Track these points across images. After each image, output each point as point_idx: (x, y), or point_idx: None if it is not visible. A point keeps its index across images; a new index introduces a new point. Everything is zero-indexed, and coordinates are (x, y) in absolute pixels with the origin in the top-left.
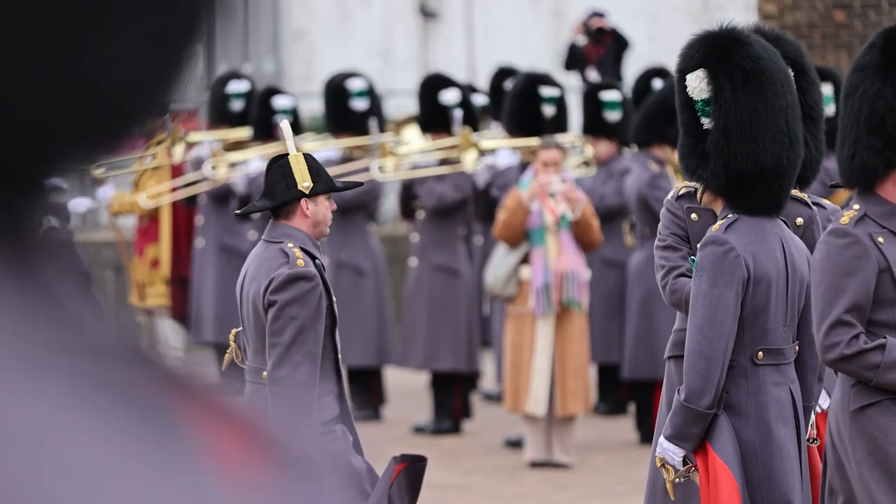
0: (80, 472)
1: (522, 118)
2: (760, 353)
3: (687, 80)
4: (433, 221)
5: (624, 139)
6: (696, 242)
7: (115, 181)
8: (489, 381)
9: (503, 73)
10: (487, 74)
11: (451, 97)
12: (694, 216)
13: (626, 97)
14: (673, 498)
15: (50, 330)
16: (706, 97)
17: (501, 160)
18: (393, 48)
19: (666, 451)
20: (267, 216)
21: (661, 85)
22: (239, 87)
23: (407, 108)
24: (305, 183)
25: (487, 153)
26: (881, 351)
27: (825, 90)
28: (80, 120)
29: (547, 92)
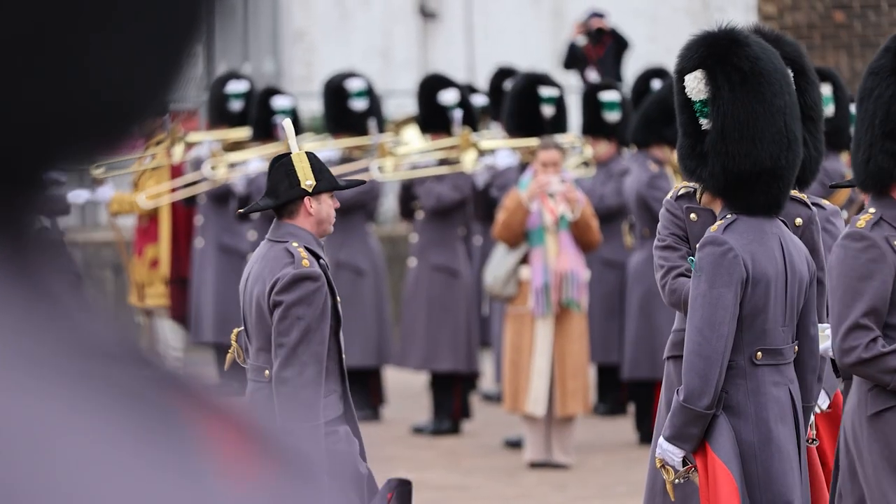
0: (86, 471)
1: (522, 118)
2: (759, 353)
3: (685, 80)
4: (432, 222)
5: (623, 140)
6: (695, 243)
7: (114, 181)
8: (488, 381)
9: (503, 73)
10: (487, 75)
11: (449, 97)
12: (693, 216)
13: (625, 98)
14: (673, 498)
15: (51, 329)
16: (704, 98)
17: (501, 160)
18: (392, 48)
19: (665, 451)
20: (267, 216)
21: (660, 85)
22: (238, 87)
23: (406, 108)
24: (308, 181)
25: (487, 153)
26: None
27: (824, 91)
28: (79, 120)
29: (546, 92)
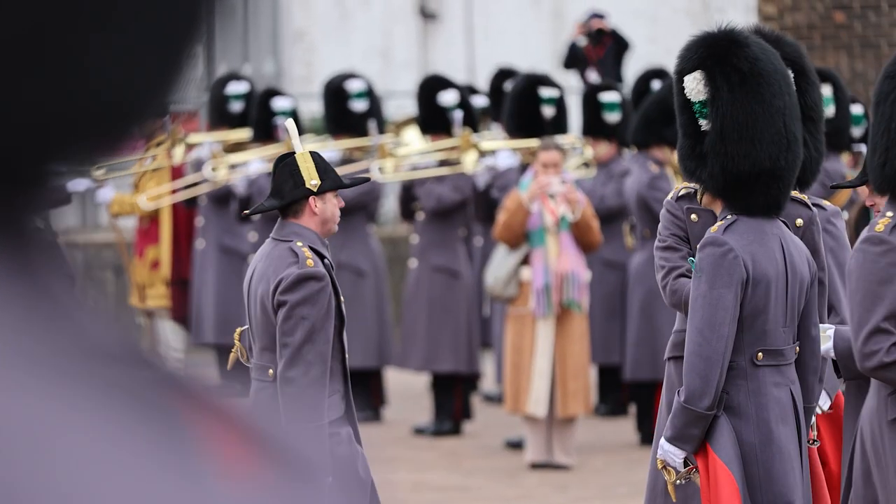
0: (86, 471)
1: (522, 119)
2: (760, 353)
3: (685, 81)
4: (433, 223)
5: (624, 140)
6: (696, 243)
7: (115, 182)
8: (489, 382)
9: (503, 74)
10: (487, 75)
11: (449, 98)
12: (694, 217)
13: (625, 98)
14: (674, 499)
15: (51, 329)
16: (704, 99)
17: (501, 161)
18: (393, 49)
19: (667, 452)
20: (268, 218)
21: (660, 86)
22: (238, 88)
23: (406, 109)
24: (313, 181)
25: (487, 154)
26: None
27: (825, 91)
28: (79, 120)
29: (547, 93)
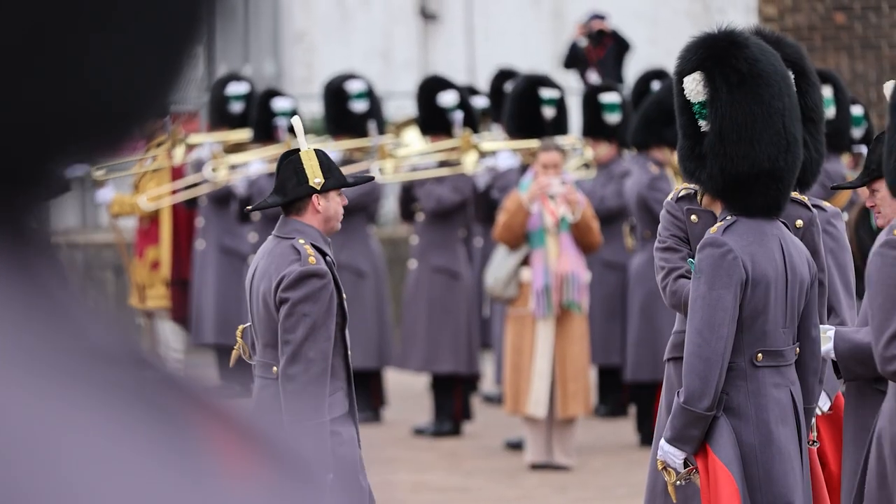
0: (90, 470)
1: (522, 120)
2: (760, 354)
3: (684, 82)
4: (433, 224)
5: (624, 141)
6: (696, 244)
7: (115, 183)
8: (489, 382)
9: (503, 74)
10: (487, 76)
11: (449, 99)
12: (694, 218)
13: (625, 99)
14: (675, 500)
15: (51, 328)
16: (703, 100)
17: (502, 162)
18: (393, 50)
19: (667, 453)
20: (269, 219)
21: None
22: (239, 88)
23: (407, 109)
24: (317, 179)
25: (488, 155)
26: None
27: (825, 93)
28: (79, 120)
29: (547, 94)
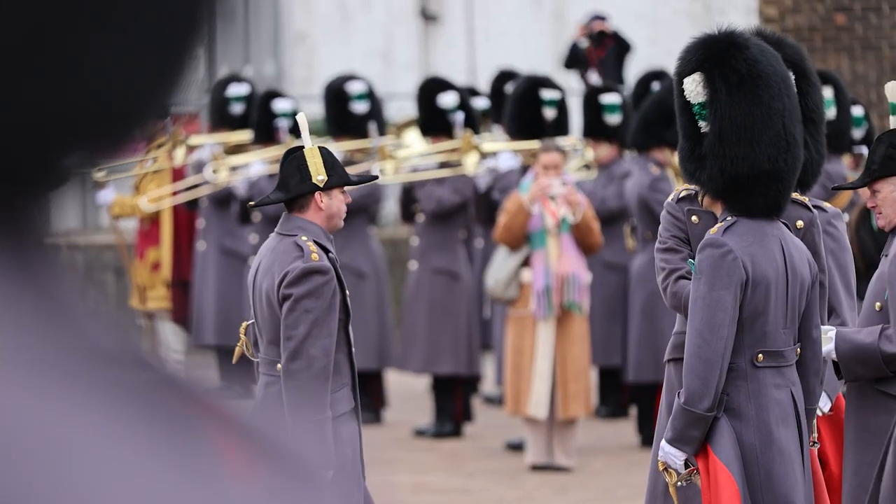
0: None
1: (523, 121)
2: (760, 355)
3: (684, 83)
4: (433, 225)
5: (624, 142)
6: (696, 245)
7: (116, 184)
8: (490, 384)
9: (504, 76)
10: (488, 77)
11: (449, 100)
12: (694, 218)
13: (626, 100)
14: (675, 501)
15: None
16: (703, 100)
17: (502, 163)
18: (393, 51)
19: (668, 454)
20: (270, 220)
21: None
22: (239, 90)
23: (407, 111)
24: (320, 176)
25: (489, 156)
26: None
27: (826, 93)
28: (80, 121)
29: (548, 95)
